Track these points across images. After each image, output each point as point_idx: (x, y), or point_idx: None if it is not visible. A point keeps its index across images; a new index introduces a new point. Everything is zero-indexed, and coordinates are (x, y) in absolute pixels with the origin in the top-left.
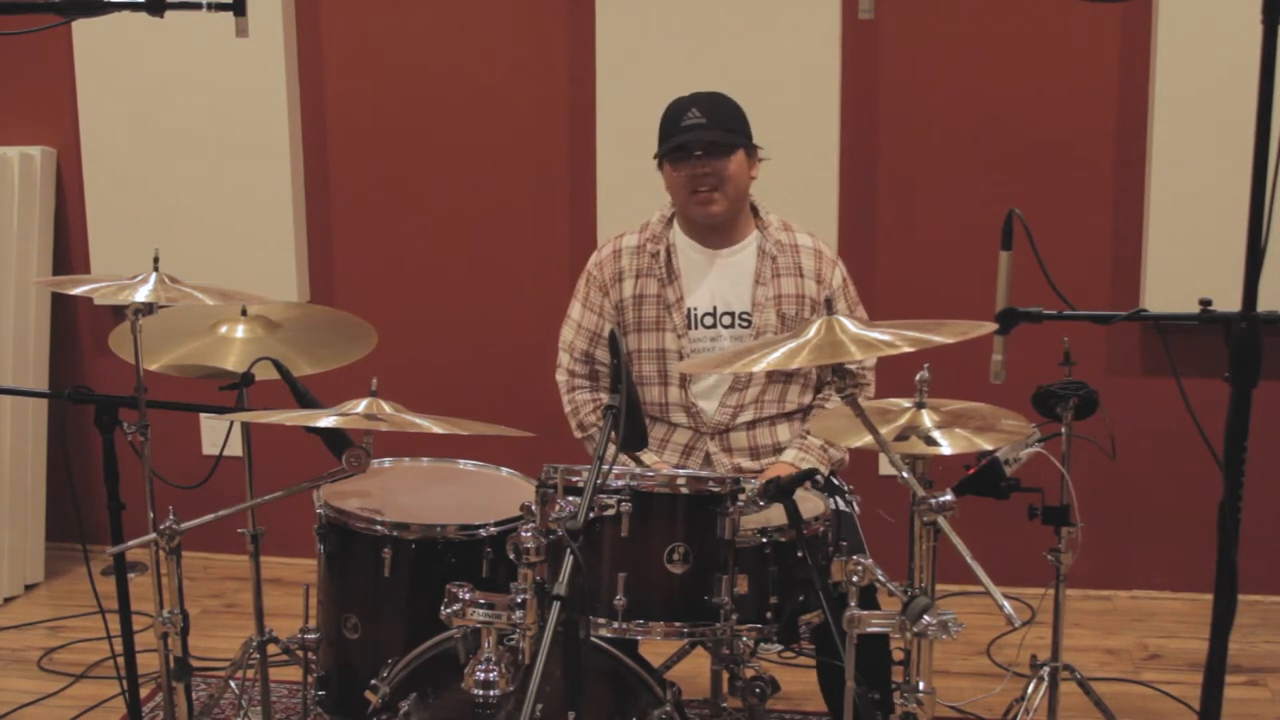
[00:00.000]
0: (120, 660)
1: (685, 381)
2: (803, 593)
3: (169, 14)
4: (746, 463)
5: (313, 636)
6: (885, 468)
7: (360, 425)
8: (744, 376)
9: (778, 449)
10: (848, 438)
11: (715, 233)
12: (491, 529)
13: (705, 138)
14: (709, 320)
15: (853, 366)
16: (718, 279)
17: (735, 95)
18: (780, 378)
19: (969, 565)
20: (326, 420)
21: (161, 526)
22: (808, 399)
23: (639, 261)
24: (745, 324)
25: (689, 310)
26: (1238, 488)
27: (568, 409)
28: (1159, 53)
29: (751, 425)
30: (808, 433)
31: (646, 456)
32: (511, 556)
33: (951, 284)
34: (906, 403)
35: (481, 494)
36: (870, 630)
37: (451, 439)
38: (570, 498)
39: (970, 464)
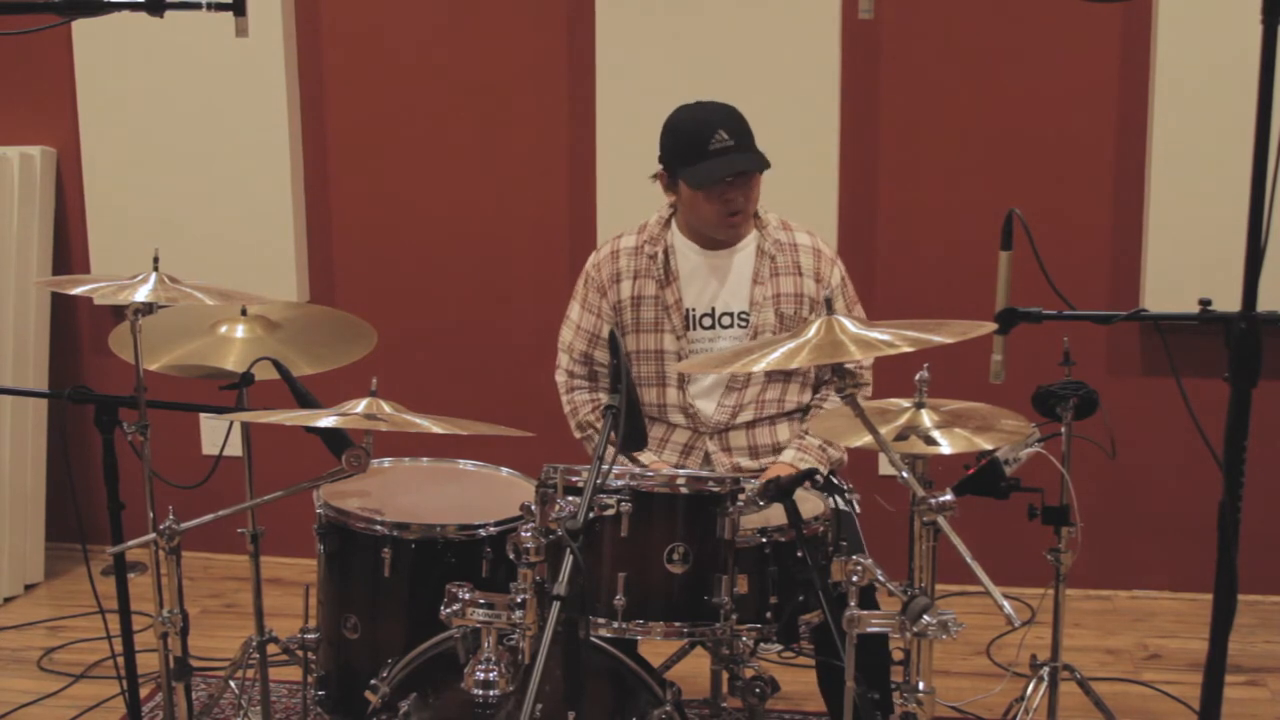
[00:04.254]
0: (120, 660)
1: (683, 383)
2: (803, 593)
3: (169, 14)
4: (746, 462)
5: (313, 636)
6: (885, 467)
7: (360, 425)
8: (742, 376)
9: (777, 449)
10: (848, 437)
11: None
12: (491, 529)
13: (740, 166)
14: (707, 321)
15: (850, 366)
16: (716, 280)
17: (735, 96)
18: (779, 377)
19: (969, 565)
20: (326, 420)
21: (161, 526)
22: (807, 397)
23: (637, 263)
24: (744, 324)
25: (687, 311)
26: (1238, 488)
27: (566, 409)
28: (1159, 53)
29: (751, 425)
30: (806, 432)
31: (644, 457)
32: (511, 556)
33: (951, 284)
34: (906, 403)
35: (481, 494)
36: (870, 630)
37: (451, 439)
38: (570, 498)
39: (970, 464)
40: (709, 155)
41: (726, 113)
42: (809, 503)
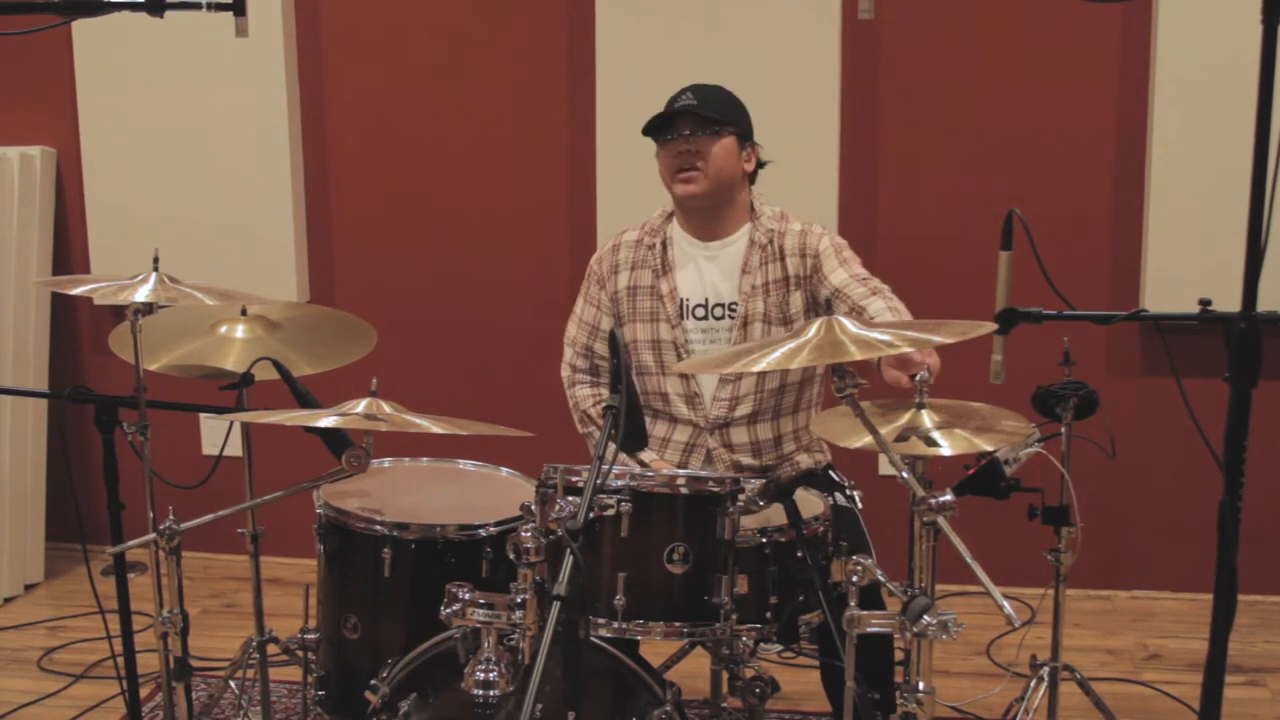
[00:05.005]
0: (120, 660)
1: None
2: (803, 593)
3: (169, 14)
4: (748, 460)
5: (313, 636)
6: (885, 468)
7: (360, 425)
8: None
9: (780, 444)
10: (848, 438)
11: (709, 226)
12: (491, 529)
13: (692, 111)
14: (700, 312)
15: (860, 276)
16: (710, 271)
17: (736, 95)
18: None
19: (969, 565)
20: (326, 420)
21: (161, 526)
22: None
23: (636, 254)
24: (734, 315)
25: (681, 301)
26: (1238, 488)
27: (570, 404)
28: (1159, 52)
29: (752, 419)
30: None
31: (646, 455)
32: (511, 556)
33: (951, 284)
34: (906, 403)
35: (481, 494)
36: (870, 630)
37: (451, 439)
38: (570, 498)
39: (970, 464)
40: (670, 109)
41: (705, 85)
42: (809, 503)
